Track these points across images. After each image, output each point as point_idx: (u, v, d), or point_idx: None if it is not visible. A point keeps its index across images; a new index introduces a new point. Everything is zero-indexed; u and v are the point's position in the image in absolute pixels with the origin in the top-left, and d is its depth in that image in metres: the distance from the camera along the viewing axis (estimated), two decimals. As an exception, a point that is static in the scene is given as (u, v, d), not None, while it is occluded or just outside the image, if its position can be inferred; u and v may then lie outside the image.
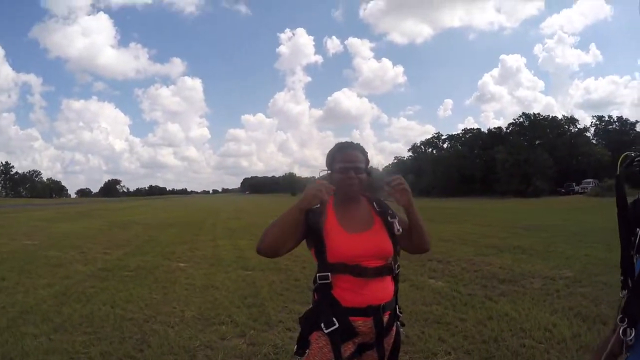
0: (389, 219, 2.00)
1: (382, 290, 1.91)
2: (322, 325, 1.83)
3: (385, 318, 1.91)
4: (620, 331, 1.16)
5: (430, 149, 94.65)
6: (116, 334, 4.71)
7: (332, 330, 1.81)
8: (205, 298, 6.22)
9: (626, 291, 1.22)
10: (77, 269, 8.65)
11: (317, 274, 1.89)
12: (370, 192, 2.11)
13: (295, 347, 1.92)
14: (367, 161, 2.07)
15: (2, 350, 4.23)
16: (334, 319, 1.82)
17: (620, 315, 1.18)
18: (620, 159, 1.28)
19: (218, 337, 4.61)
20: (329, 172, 2.07)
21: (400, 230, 1.96)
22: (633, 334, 1.14)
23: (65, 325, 5.01)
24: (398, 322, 2.03)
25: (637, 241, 1.16)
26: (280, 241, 1.87)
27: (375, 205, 2.06)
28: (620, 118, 77.49)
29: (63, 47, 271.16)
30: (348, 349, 1.86)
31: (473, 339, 4.36)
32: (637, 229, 1.17)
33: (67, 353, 4.17)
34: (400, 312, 2.04)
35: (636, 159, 1.24)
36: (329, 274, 1.86)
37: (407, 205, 1.92)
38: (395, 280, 2.02)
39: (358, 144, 2.10)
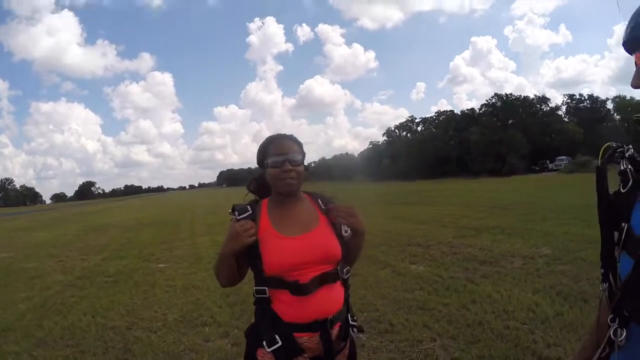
0: (337, 218, 1.82)
1: (328, 301, 1.74)
2: (264, 343, 1.68)
3: (335, 331, 1.76)
4: (612, 332, 1.15)
5: (404, 133, 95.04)
6: (99, 344, 4.63)
7: (275, 349, 1.68)
8: (187, 299, 6.16)
9: (607, 284, 1.21)
10: (56, 279, 8.48)
11: (254, 287, 1.76)
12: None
13: None
14: (304, 153, 1.89)
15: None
16: (277, 337, 1.68)
17: (612, 315, 1.17)
18: (602, 150, 1.26)
19: (202, 339, 4.57)
20: (262, 169, 1.92)
21: (349, 232, 1.80)
22: (624, 335, 1.13)
23: (46, 340, 4.91)
24: (354, 330, 1.87)
25: (622, 237, 1.14)
26: (233, 277, 1.85)
27: (320, 202, 1.90)
28: (591, 96, 78.56)
29: (28, 49, 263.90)
30: None
31: (457, 323, 4.39)
32: (623, 224, 1.15)
33: (50, 368, 4.08)
34: (354, 320, 1.88)
35: (618, 150, 1.22)
36: (266, 288, 1.72)
37: (362, 229, 1.81)
38: (345, 286, 1.84)
39: (291, 135, 1.93)
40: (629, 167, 1.13)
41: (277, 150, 1.81)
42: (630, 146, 1.18)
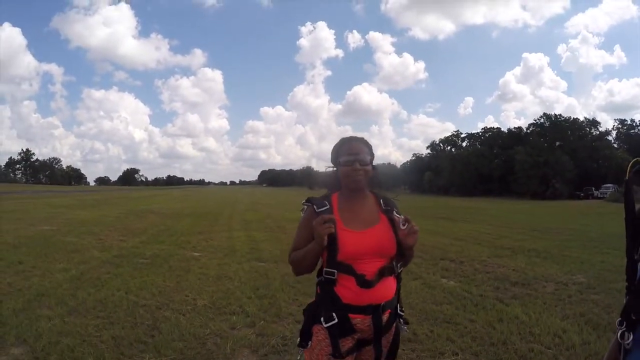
0: (394, 217, 1.97)
1: (383, 289, 1.91)
2: (322, 319, 1.87)
3: (385, 317, 1.93)
4: (619, 335, 1.15)
5: (449, 147, 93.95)
6: (128, 319, 4.80)
7: (330, 325, 1.86)
8: (218, 287, 6.29)
9: (629, 297, 1.21)
10: (93, 255, 8.82)
11: (325, 269, 1.92)
12: (375, 187, 2.11)
13: (299, 339, 1.97)
14: (372, 155, 2.07)
15: (17, 331, 4.34)
16: (334, 314, 1.86)
17: (620, 318, 1.17)
18: (630, 165, 1.27)
19: (228, 326, 4.66)
20: (334, 168, 2.11)
21: (404, 228, 1.90)
22: (631, 338, 1.13)
23: (79, 309, 5.13)
24: (400, 320, 2.05)
25: None
26: (314, 266, 1.99)
27: (382, 202, 2.06)
28: (643, 122, 76.23)
29: (84, 37, 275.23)
30: (347, 343, 1.89)
31: (482, 340, 4.34)
32: None
33: (80, 335, 4.26)
34: (402, 310, 2.06)
35: None
36: (336, 271, 1.88)
37: (413, 245, 1.94)
38: (398, 278, 2.02)
39: (362, 138, 2.11)
40: None
41: (349, 151, 2.01)
42: None
